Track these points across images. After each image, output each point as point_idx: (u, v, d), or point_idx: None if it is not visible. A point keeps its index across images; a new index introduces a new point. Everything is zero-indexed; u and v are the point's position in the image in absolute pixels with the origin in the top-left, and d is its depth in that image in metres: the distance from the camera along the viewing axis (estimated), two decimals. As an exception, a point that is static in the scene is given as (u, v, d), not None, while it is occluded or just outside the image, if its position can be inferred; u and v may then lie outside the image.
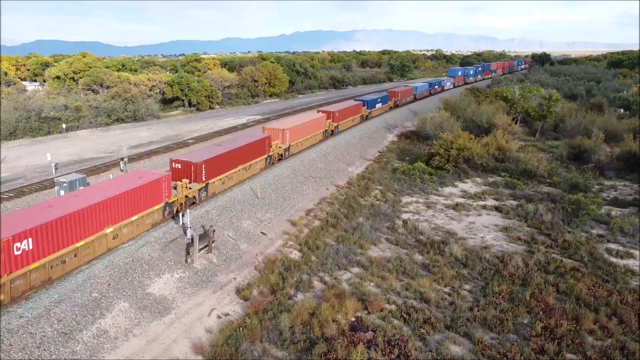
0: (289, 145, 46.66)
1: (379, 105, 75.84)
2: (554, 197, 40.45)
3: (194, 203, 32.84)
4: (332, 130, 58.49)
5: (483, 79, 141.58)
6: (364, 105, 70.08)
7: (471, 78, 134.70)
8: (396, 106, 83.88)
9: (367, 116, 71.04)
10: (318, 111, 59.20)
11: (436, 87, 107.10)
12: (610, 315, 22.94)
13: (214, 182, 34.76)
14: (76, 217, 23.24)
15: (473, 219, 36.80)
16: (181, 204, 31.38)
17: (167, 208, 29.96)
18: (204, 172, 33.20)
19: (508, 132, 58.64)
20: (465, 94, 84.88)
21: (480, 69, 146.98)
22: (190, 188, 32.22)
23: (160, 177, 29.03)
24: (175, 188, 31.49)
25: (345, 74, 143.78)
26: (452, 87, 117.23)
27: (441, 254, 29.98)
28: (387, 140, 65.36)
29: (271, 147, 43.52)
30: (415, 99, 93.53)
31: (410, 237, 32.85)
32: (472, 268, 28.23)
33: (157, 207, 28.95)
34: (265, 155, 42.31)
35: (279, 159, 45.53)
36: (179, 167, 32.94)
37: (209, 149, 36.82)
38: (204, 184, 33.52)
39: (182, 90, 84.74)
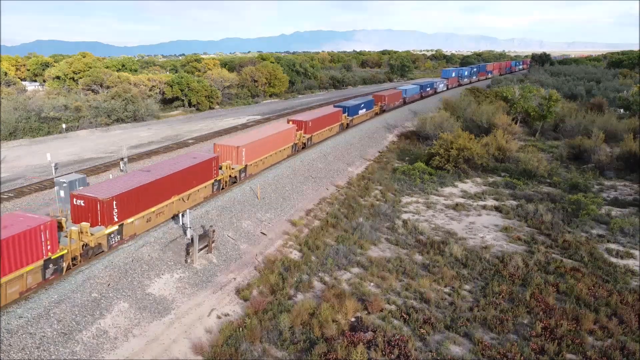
0: (245, 166, 38.86)
1: (362, 112, 68.49)
2: (554, 197, 40.44)
3: (101, 252, 25.36)
4: (304, 143, 50.62)
5: (478, 81, 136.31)
6: (344, 112, 62.27)
7: (466, 79, 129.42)
8: (383, 112, 77.51)
9: (347, 124, 63.29)
10: (288, 121, 51.78)
11: (428, 89, 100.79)
12: (610, 316, 22.92)
13: (132, 222, 27.19)
14: None
15: (473, 219, 36.79)
16: (75, 257, 23.91)
17: (50, 266, 22.16)
18: (115, 210, 25.68)
19: (508, 132, 58.63)
20: (465, 94, 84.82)
21: (475, 69, 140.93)
22: (92, 234, 24.56)
23: (38, 225, 21.24)
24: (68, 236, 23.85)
25: (345, 74, 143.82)
26: (445, 89, 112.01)
27: (441, 254, 29.96)
28: (387, 140, 65.34)
29: (220, 169, 36.35)
30: (404, 103, 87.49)
31: (410, 237, 32.83)
32: (472, 268, 28.21)
33: (29, 267, 21.05)
34: (212, 180, 34.65)
35: (233, 182, 37.85)
36: (82, 204, 25.26)
37: (129, 178, 28.89)
38: (116, 226, 26.00)
39: (182, 91, 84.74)
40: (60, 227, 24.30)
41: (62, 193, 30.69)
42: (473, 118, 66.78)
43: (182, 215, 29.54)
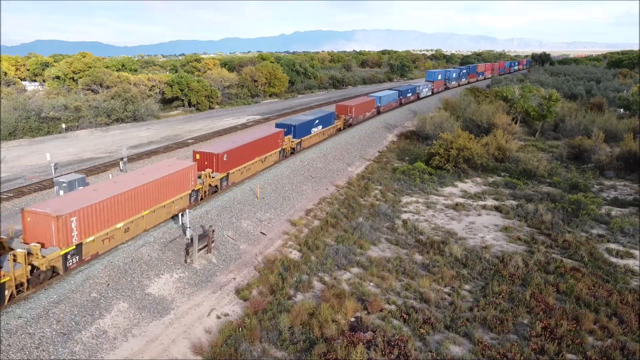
0: (78, 245, 23.61)
1: (317, 130, 53.15)
2: (554, 197, 40.41)
3: None
4: (216, 186, 35.63)
5: (468, 83, 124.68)
6: (288, 133, 47.26)
7: (454, 82, 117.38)
8: (349, 126, 62.88)
9: (293, 149, 48.36)
10: (195, 154, 35.87)
11: (409, 95, 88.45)
12: (610, 315, 22.90)
13: None
14: None
15: (473, 218, 36.75)
16: None
17: None
18: None
19: (508, 132, 58.62)
20: (465, 94, 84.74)
21: (464, 71, 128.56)
22: None
23: None
24: None
25: (345, 74, 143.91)
26: (430, 93, 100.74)
27: (441, 254, 29.93)
28: (386, 140, 65.32)
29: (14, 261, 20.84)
30: (378, 113, 74.54)
31: (410, 237, 32.80)
32: (472, 268, 28.18)
33: None
34: None
35: (52, 276, 22.85)
36: None
37: None
38: None
39: (181, 90, 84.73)
40: None
41: (61, 193, 30.69)
42: (473, 118, 66.76)
43: (182, 215, 29.52)
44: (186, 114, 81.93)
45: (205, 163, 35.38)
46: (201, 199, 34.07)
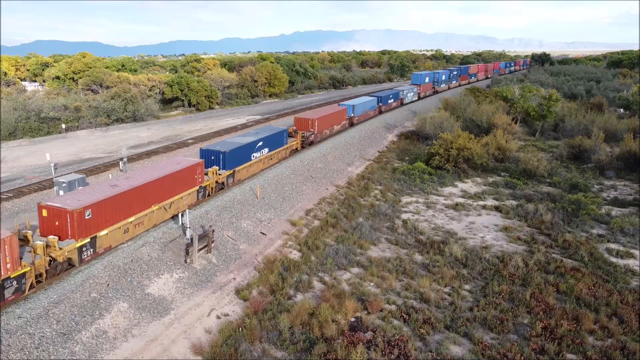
0: None
1: (259, 155, 40.82)
2: (554, 197, 40.42)
3: None
4: (70, 259, 23.46)
5: (459, 86, 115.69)
6: (214, 164, 35.60)
7: (443, 85, 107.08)
8: (310, 144, 51.18)
9: (222, 184, 35.99)
10: (40, 209, 23.42)
11: (390, 101, 78.11)
12: (611, 315, 22.89)
13: None
14: None
15: (473, 218, 36.75)
16: None
17: None
18: None
19: (508, 132, 58.62)
20: (465, 94, 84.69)
21: (455, 73, 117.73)
22: None
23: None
24: None
25: (345, 74, 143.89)
26: (416, 98, 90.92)
27: (441, 254, 29.93)
28: (386, 140, 65.33)
29: None
30: (351, 125, 62.98)
31: (410, 237, 32.79)
32: (472, 268, 28.18)
33: None
34: None
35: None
36: None
37: None
38: None
39: (181, 91, 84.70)
40: None
41: (61, 193, 30.68)
42: (473, 118, 66.76)
43: (182, 215, 29.51)
44: (186, 114, 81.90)
45: (56, 223, 23.18)
46: (32, 286, 21.57)
